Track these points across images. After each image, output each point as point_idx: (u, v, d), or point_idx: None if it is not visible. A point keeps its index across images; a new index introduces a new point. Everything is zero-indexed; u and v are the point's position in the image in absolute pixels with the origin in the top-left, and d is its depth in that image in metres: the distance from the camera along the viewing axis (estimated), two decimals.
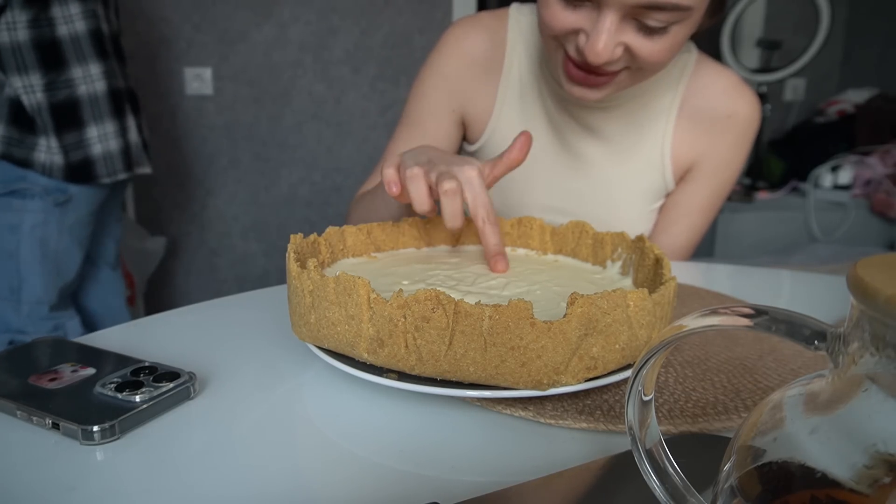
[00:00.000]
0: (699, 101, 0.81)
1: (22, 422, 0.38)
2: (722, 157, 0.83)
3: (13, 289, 1.43)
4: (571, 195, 0.85)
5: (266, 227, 2.51)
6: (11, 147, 1.32)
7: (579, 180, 0.84)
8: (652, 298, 0.39)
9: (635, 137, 0.82)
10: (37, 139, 1.34)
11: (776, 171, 2.56)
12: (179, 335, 0.54)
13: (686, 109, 0.81)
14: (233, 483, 0.34)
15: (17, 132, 1.32)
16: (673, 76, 0.81)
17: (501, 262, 0.56)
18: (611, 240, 0.57)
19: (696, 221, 0.86)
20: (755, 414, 0.22)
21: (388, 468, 0.35)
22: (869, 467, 0.17)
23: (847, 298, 0.19)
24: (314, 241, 0.53)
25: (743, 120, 0.81)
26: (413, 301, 0.36)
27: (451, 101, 0.85)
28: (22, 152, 1.33)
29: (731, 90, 0.82)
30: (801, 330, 0.20)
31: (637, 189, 0.84)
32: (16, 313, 1.44)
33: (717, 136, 0.82)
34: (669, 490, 0.25)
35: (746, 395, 0.43)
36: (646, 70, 0.68)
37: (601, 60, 0.63)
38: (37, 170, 1.34)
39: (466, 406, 0.42)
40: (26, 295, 1.44)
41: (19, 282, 1.42)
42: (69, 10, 1.34)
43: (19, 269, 1.41)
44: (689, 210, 0.85)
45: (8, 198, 1.37)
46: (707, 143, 0.82)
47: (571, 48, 0.67)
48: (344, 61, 2.39)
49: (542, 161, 0.84)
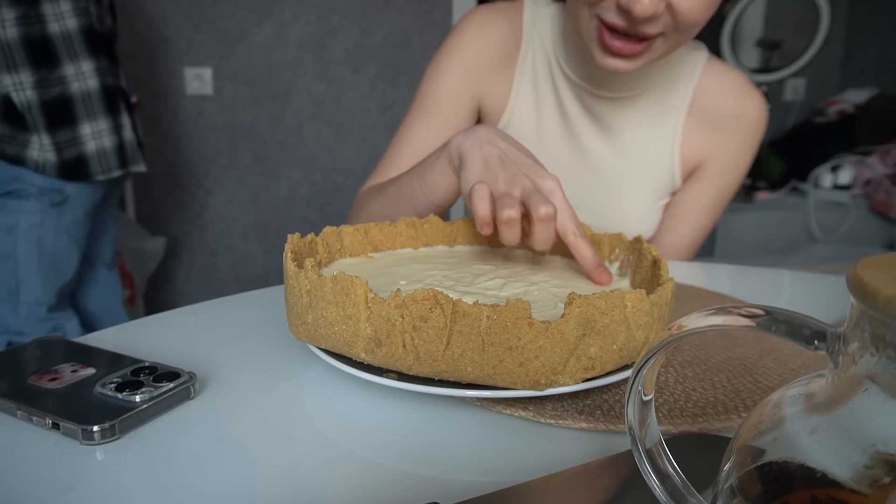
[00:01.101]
0: (709, 101, 0.82)
1: (22, 422, 0.38)
2: (730, 157, 0.83)
3: (11, 290, 1.43)
4: (580, 189, 0.84)
5: (266, 227, 2.51)
6: (4, 144, 1.32)
7: (589, 174, 0.84)
8: (649, 299, 0.39)
9: (646, 133, 0.82)
10: (29, 136, 1.33)
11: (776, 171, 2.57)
12: (179, 335, 0.54)
13: (696, 108, 0.82)
14: (233, 483, 0.34)
15: (8, 129, 1.32)
16: (683, 74, 0.81)
17: (604, 273, 0.52)
18: (608, 241, 0.57)
19: (702, 221, 0.86)
20: (755, 414, 0.22)
21: (387, 468, 0.35)
22: (869, 467, 0.17)
23: (847, 298, 0.19)
24: (311, 240, 0.53)
25: (751, 121, 0.82)
26: (411, 301, 0.36)
27: (470, 86, 0.83)
28: (14, 150, 1.33)
29: (741, 90, 0.82)
30: (801, 330, 0.20)
31: (645, 185, 0.84)
32: (14, 315, 1.44)
33: (726, 136, 0.82)
34: (669, 490, 0.25)
35: (746, 395, 0.43)
36: (682, 33, 0.67)
37: (648, 12, 0.62)
38: (30, 167, 1.34)
39: (466, 406, 0.42)
40: (24, 296, 1.44)
41: (17, 283, 1.42)
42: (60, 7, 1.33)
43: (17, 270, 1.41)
44: (695, 209, 0.85)
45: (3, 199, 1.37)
46: (716, 143, 0.82)
47: (610, 13, 0.66)
48: (344, 61, 2.39)
49: (551, 153, 0.84)
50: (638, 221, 0.85)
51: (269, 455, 0.36)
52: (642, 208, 0.85)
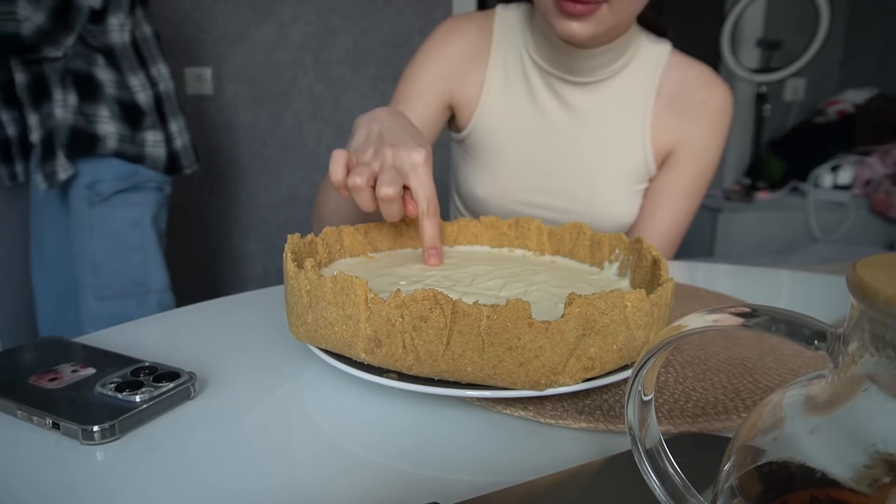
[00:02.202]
0: (675, 89, 0.88)
1: (22, 422, 0.38)
2: (700, 142, 0.88)
3: (140, 282, 1.48)
4: (556, 173, 0.89)
5: (266, 227, 2.51)
6: (124, 144, 1.39)
7: (563, 159, 0.89)
8: (649, 299, 0.39)
9: (616, 117, 0.87)
10: (145, 134, 1.42)
11: (776, 171, 2.57)
12: (179, 335, 0.54)
13: (663, 96, 0.87)
14: (233, 483, 0.34)
15: (128, 129, 1.39)
16: (649, 64, 0.87)
17: (435, 256, 0.57)
18: (608, 241, 0.57)
19: (681, 205, 0.89)
20: (755, 414, 0.22)
21: (387, 468, 0.35)
22: (869, 467, 0.17)
23: (847, 298, 0.19)
24: (311, 241, 0.53)
25: (717, 106, 0.87)
26: (411, 301, 0.36)
27: (440, 81, 0.89)
28: (134, 149, 1.41)
29: (704, 79, 0.88)
30: (801, 330, 0.20)
31: (619, 168, 0.88)
32: (141, 306, 1.48)
33: (694, 122, 0.87)
34: (669, 490, 0.25)
35: (746, 395, 0.43)
36: (623, 2, 0.73)
37: None
38: (147, 164, 1.43)
39: (466, 406, 0.42)
40: (154, 285, 1.49)
41: (146, 274, 1.48)
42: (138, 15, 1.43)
43: (147, 261, 1.48)
44: (672, 194, 0.89)
45: (126, 194, 1.43)
46: (684, 129, 0.87)
47: None
48: (344, 61, 2.39)
49: (524, 141, 0.89)
50: (616, 205, 0.88)
51: (269, 455, 0.36)
52: (619, 191, 0.89)
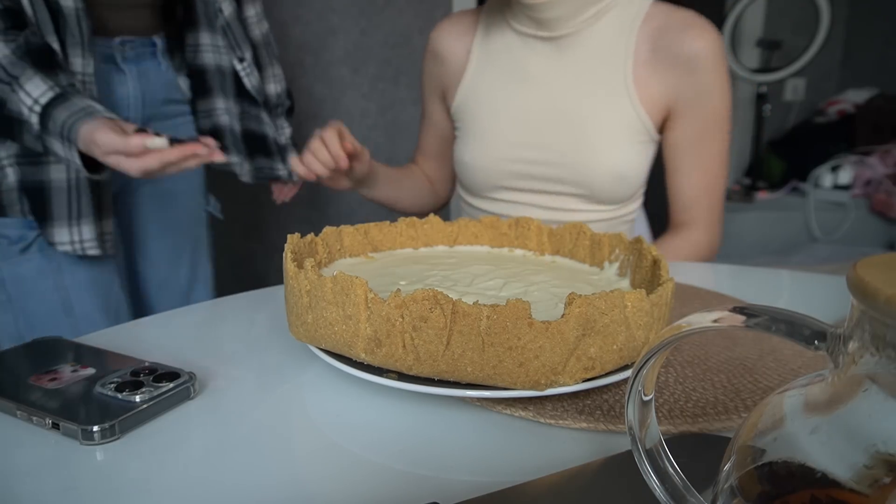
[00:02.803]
0: (657, 38, 0.85)
1: (22, 422, 0.38)
2: (699, 89, 0.85)
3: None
4: (542, 127, 0.89)
5: (266, 227, 2.51)
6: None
7: (546, 112, 0.89)
8: (649, 299, 0.39)
9: (596, 67, 0.87)
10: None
11: (776, 171, 2.57)
12: (179, 335, 0.54)
13: (644, 48, 0.86)
14: (232, 483, 0.34)
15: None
16: (629, 17, 0.86)
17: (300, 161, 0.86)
18: (608, 241, 0.57)
19: (705, 151, 0.88)
20: (755, 414, 0.22)
21: (387, 468, 0.35)
22: (869, 467, 0.17)
23: (847, 298, 0.19)
24: (311, 241, 0.53)
25: (705, 57, 0.84)
26: (411, 301, 0.36)
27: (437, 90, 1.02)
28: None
29: (687, 24, 0.85)
30: (801, 330, 0.20)
31: (606, 118, 0.87)
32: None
33: (685, 76, 0.85)
34: (669, 490, 0.25)
35: (746, 395, 0.43)
36: None
37: None
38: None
39: (466, 406, 0.42)
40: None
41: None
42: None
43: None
44: (689, 143, 0.88)
45: None
46: (676, 80, 0.85)
47: None
48: (344, 61, 2.39)
49: (506, 102, 0.91)
50: (606, 153, 0.87)
51: (269, 455, 0.36)
52: (611, 143, 0.87)
